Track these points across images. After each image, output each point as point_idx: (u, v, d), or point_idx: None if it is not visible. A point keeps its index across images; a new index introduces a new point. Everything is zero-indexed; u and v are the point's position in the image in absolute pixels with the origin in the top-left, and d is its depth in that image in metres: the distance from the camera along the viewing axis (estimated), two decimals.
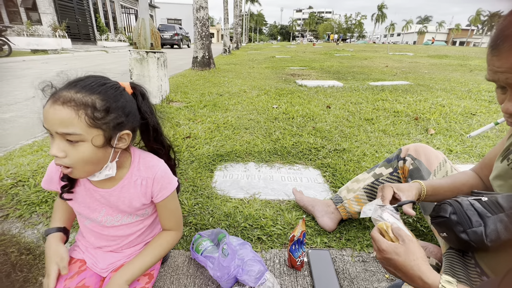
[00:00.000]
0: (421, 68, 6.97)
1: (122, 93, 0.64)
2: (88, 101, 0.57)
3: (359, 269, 0.97)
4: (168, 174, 0.77)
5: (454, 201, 0.64)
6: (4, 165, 1.58)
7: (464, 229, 0.59)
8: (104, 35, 18.28)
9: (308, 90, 3.96)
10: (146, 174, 0.73)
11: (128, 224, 0.78)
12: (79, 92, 0.57)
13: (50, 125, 0.56)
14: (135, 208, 0.75)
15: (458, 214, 0.61)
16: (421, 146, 0.98)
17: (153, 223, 0.85)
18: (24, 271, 0.89)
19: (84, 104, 0.56)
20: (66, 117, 0.55)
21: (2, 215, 1.19)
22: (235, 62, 8.59)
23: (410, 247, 0.54)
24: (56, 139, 0.58)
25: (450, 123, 2.48)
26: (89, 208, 0.73)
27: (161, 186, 0.74)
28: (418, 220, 1.21)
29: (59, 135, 0.57)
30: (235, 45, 17.51)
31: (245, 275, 0.85)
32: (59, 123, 0.56)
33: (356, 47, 19.80)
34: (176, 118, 2.54)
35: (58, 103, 0.55)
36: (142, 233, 0.82)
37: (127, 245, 0.81)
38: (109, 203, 0.73)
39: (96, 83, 0.60)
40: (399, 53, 13.09)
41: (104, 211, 0.74)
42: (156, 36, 3.18)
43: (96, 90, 0.59)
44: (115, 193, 0.72)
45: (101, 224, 0.76)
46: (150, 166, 0.75)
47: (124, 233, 0.79)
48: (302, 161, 1.79)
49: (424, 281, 0.51)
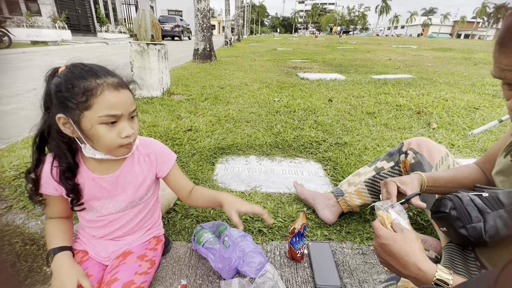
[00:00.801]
0: (424, 61, 6.88)
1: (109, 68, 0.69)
2: (125, 79, 0.66)
3: (358, 261, 0.98)
4: (164, 147, 0.83)
5: (455, 197, 0.64)
6: (6, 157, 1.59)
7: (464, 224, 0.59)
8: (104, 27, 18.11)
9: (310, 83, 3.92)
10: (145, 151, 0.78)
11: (132, 209, 0.79)
12: (115, 77, 0.63)
13: (123, 108, 0.62)
14: (141, 186, 0.76)
15: (458, 210, 0.61)
16: (423, 140, 0.98)
17: (152, 207, 0.87)
18: (29, 261, 0.91)
19: (127, 83, 0.66)
20: (131, 97, 0.65)
21: (6, 206, 1.21)
22: (237, 54, 8.51)
23: (407, 236, 0.54)
24: (124, 121, 0.64)
25: (453, 117, 2.46)
26: (95, 197, 0.74)
27: (164, 158, 0.80)
28: (418, 214, 1.21)
29: (129, 115, 0.64)
30: (237, 37, 17.31)
31: (246, 267, 0.86)
32: (130, 103, 0.64)
33: (359, 40, 19.53)
34: (177, 111, 2.54)
35: (119, 88, 0.62)
36: (142, 219, 0.83)
37: (128, 232, 0.82)
38: (116, 188, 0.74)
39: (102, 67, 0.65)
40: (403, 46, 12.91)
41: (109, 198, 0.75)
42: (157, 28, 3.14)
43: (114, 71, 0.65)
44: (122, 175, 0.73)
45: (106, 213, 0.76)
46: (147, 143, 0.80)
47: (127, 218, 0.80)
48: (303, 155, 1.79)
49: (419, 268, 0.50)
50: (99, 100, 0.59)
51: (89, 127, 0.60)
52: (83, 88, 0.58)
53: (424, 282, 0.49)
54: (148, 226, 0.87)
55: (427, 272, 0.49)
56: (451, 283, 0.47)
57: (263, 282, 0.81)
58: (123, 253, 0.80)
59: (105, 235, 0.81)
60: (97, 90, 0.59)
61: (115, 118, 0.61)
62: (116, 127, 0.62)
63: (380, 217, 0.60)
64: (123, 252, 0.81)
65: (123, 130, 0.63)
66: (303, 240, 0.94)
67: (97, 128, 0.60)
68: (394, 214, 0.60)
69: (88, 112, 0.59)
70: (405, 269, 0.52)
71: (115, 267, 0.76)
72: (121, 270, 0.74)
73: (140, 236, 0.85)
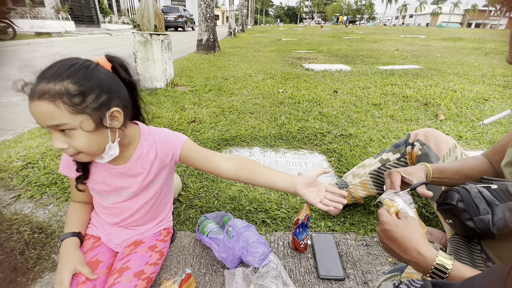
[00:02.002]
0: (433, 52, 6.71)
1: (94, 70, 0.59)
2: (61, 88, 0.54)
3: (362, 252, 0.98)
4: (171, 132, 0.78)
5: (462, 188, 0.63)
6: (14, 148, 1.61)
7: (471, 216, 0.59)
8: (108, 17, 17.96)
9: (315, 74, 3.86)
10: (152, 139, 0.76)
11: (143, 195, 0.80)
12: (50, 82, 0.54)
13: (38, 121, 0.56)
14: (149, 173, 0.76)
15: (465, 202, 0.60)
16: (430, 131, 0.96)
17: (164, 198, 0.87)
18: (37, 249, 0.93)
19: (58, 93, 0.54)
20: (47, 111, 0.54)
21: (14, 195, 1.23)
22: (241, 45, 8.40)
23: (411, 222, 0.54)
24: (53, 132, 0.57)
25: (461, 109, 2.41)
26: (109, 185, 0.75)
27: (169, 142, 0.76)
28: (423, 206, 1.20)
29: (52, 128, 0.57)
30: (241, 28, 17.05)
31: (249, 256, 0.87)
32: (44, 117, 0.55)
33: (366, 30, 19.08)
34: (181, 102, 2.53)
35: (35, 98, 0.54)
36: (153, 207, 0.84)
37: (141, 222, 0.84)
38: (127, 178, 0.75)
39: (63, 68, 0.56)
40: (411, 36, 12.58)
41: (122, 187, 0.76)
42: (160, 18, 3.10)
43: (64, 75, 0.55)
44: (131, 167, 0.74)
45: (121, 200, 0.78)
46: (152, 132, 0.77)
47: (140, 203, 0.80)
48: (308, 146, 1.78)
49: (420, 253, 0.50)
50: None
51: None
52: None
53: (425, 267, 0.49)
54: (160, 218, 0.89)
55: (428, 256, 0.49)
56: (450, 267, 0.47)
57: (267, 271, 0.82)
58: (135, 242, 0.82)
59: (119, 222, 0.82)
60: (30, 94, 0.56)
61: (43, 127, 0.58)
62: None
63: (386, 205, 0.59)
64: (135, 241, 0.82)
65: (52, 142, 0.58)
66: (307, 231, 0.94)
67: None
68: (401, 203, 0.59)
69: None
70: (406, 254, 0.52)
71: (126, 255, 0.77)
72: (132, 259, 0.75)
73: (152, 226, 0.86)
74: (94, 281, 0.70)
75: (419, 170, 0.73)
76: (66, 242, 0.74)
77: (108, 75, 0.61)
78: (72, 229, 0.78)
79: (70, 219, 0.81)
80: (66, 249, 0.73)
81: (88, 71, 0.58)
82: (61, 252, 0.73)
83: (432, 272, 0.48)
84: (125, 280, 0.69)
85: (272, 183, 0.74)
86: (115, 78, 0.63)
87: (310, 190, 0.72)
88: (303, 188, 0.71)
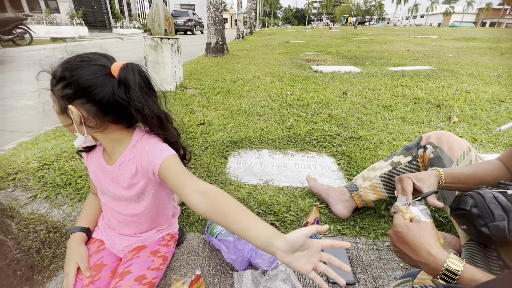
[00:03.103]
0: (445, 52, 6.57)
1: (81, 65, 0.61)
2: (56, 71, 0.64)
3: (373, 257, 0.97)
4: (157, 146, 0.70)
5: (476, 194, 0.61)
6: (30, 149, 1.67)
7: (486, 222, 0.57)
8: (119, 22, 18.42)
9: (324, 76, 3.84)
10: (137, 150, 0.71)
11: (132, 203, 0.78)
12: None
13: None
14: (135, 185, 0.74)
15: (479, 207, 0.59)
16: (443, 133, 0.94)
17: (162, 209, 0.84)
18: (53, 248, 0.95)
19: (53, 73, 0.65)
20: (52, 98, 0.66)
21: (31, 195, 1.27)
22: (249, 47, 8.44)
23: (422, 226, 0.54)
24: None
25: (476, 111, 2.34)
26: (100, 181, 0.77)
27: (149, 158, 0.68)
28: (436, 210, 1.17)
29: None
30: (249, 30, 17.15)
31: (258, 259, 0.87)
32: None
33: (376, 31, 18.85)
34: (190, 105, 2.56)
35: None
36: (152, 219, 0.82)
37: (139, 230, 0.83)
38: (114, 179, 0.76)
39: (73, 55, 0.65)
40: (422, 36, 12.35)
41: (111, 186, 0.77)
42: (170, 22, 3.16)
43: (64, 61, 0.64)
44: (115, 170, 0.74)
45: (112, 199, 0.78)
46: (141, 143, 0.71)
47: (131, 212, 0.78)
48: (316, 149, 1.77)
49: (430, 254, 0.50)
50: None
51: None
52: None
53: (435, 268, 0.49)
54: (162, 226, 0.88)
55: (438, 257, 0.49)
56: (461, 269, 0.46)
57: (276, 274, 0.81)
58: (137, 248, 0.82)
59: (118, 228, 0.83)
60: None
61: None
62: None
63: (401, 212, 0.59)
64: (137, 247, 0.83)
65: None
66: (316, 234, 0.94)
67: None
68: (416, 211, 0.58)
69: None
70: (416, 255, 0.52)
71: (129, 260, 0.78)
72: (134, 264, 0.76)
73: (153, 234, 0.86)
74: (98, 284, 0.72)
75: (431, 177, 0.71)
76: (73, 236, 0.80)
77: (92, 76, 0.61)
78: (82, 223, 0.84)
79: (84, 212, 0.87)
80: (72, 243, 0.79)
81: (75, 63, 0.63)
82: (68, 245, 0.79)
83: (442, 273, 0.48)
84: (126, 284, 0.70)
85: (247, 235, 0.54)
86: (104, 84, 0.62)
87: (297, 257, 0.50)
88: (285, 255, 0.49)
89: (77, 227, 0.82)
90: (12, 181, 1.37)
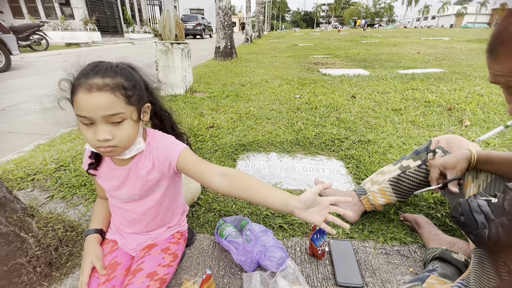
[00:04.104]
0: (457, 54, 6.44)
1: (131, 70, 0.68)
2: (118, 82, 0.62)
3: (381, 261, 0.97)
4: (170, 141, 0.76)
5: (465, 201, 0.64)
6: (47, 151, 1.74)
7: (471, 230, 0.60)
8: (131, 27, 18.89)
9: (332, 79, 3.84)
10: (151, 146, 0.76)
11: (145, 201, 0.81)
12: (105, 77, 0.61)
13: (93, 112, 0.60)
14: (150, 181, 0.77)
15: (465, 216, 0.62)
16: (453, 138, 0.93)
17: (171, 204, 0.87)
18: (69, 246, 1.00)
19: (117, 86, 0.62)
20: (108, 100, 0.60)
21: (48, 196, 1.33)
22: (257, 51, 8.51)
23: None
24: (100, 124, 0.62)
25: (489, 114, 2.30)
26: (113, 185, 0.79)
27: (166, 151, 0.74)
28: (447, 216, 1.16)
29: (104, 120, 0.61)
30: (257, 34, 17.27)
31: (267, 261, 0.89)
32: (104, 107, 0.60)
33: (385, 33, 18.66)
34: (200, 108, 2.61)
35: (95, 90, 0.59)
36: (160, 215, 0.85)
37: (150, 227, 0.86)
38: (128, 180, 0.78)
39: (110, 66, 0.64)
40: (433, 38, 12.14)
41: (125, 188, 0.79)
42: (180, 27, 3.23)
43: (117, 72, 0.63)
44: (133, 168, 0.76)
45: (124, 201, 0.81)
46: (155, 138, 0.78)
47: (142, 209, 0.82)
48: (325, 152, 1.77)
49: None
50: (75, 99, 0.61)
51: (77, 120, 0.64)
52: (70, 85, 0.63)
53: None
54: (171, 223, 0.90)
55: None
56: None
57: (284, 276, 0.83)
58: (148, 246, 0.85)
59: (128, 226, 0.86)
60: (77, 89, 0.60)
61: (88, 120, 0.61)
62: (92, 128, 0.63)
63: None
64: (148, 245, 0.86)
65: (96, 133, 0.62)
66: (324, 237, 0.94)
67: (80, 125, 0.64)
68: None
69: (74, 108, 0.63)
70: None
71: (140, 258, 0.81)
72: (146, 261, 0.79)
73: (163, 231, 0.89)
74: (113, 282, 0.76)
75: (459, 162, 0.76)
76: (88, 238, 0.84)
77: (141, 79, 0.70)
78: (95, 225, 0.87)
79: (95, 215, 0.90)
80: (87, 244, 0.82)
81: (130, 70, 0.67)
82: (84, 246, 0.82)
83: None
84: (138, 280, 0.72)
85: (267, 203, 0.66)
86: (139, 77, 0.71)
87: (310, 212, 0.63)
88: (301, 212, 0.63)
89: (91, 230, 0.86)
90: (31, 181, 1.43)
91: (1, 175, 1.46)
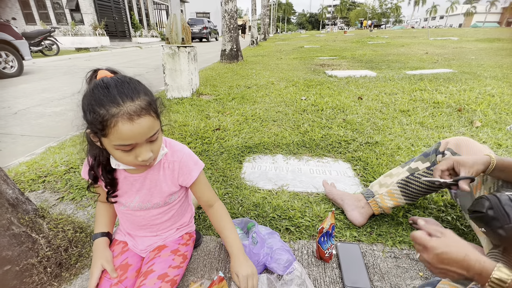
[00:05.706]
0: (467, 54, 6.32)
1: (136, 80, 0.65)
2: (145, 102, 0.60)
3: (390, 265, 0.95)
4: (192, 156, 0.82)
5: (492, 196, 0.62)
6: (58, 154, 1.77)
7: (502, 224, 0.57)
8: (138, 32, 19.19)
9: (339, 80, 3.82)
10: (172, 158, 0.79)
11: (157, 209, 0.83)
12: (134, 100, 0.59)
13: (139, 138, 0.60)
14: (164, 192, 0.80)
15: (495, 209, 0.59)
16: (463, 139, 0.92)
17: (180, 208, 0.89)
18: (79, 247, 1.01)
19: (147, 104, 0.61)
20: (149, 122, 0.61)
21: (59, 197, 1.35)
22: (263, 53, 8.53)
23: (452, 235, 0.53)
24: (142, 145, 0.63)
25: (500, 115, 2.24)
26: (126, 193, 0.79)
27: (187, 169, 0.79)
28: (457, 219, 1.13)
29: (147, 141, 0.63)
30: (263, 36, 17.33)
31: (273, 263, 0.88)
32: (148, 130, 0.61)
33: (392, 33, 18.47)
34: (206, 110, 2.62)
35: (136, 117, 0.58)
36: (169, 219, 0.87)
37: (159, 229, 0.87)
38: (143, 188, 0.78)
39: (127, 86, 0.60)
40: (442, 38, 11.96)
41: (138, 197, 0.79)
42: (187, 31, 3.27)
43: (138, 90, 0.61)
44: (148, 176, 0.77)
45: (134, 209, 0.82)
46: (175, 150, 0.79)
47: (153, 217, 0.84)
48: (332, 154, 1.76)
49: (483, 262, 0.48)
50: (113, 131, 0.57)
51: (109, 148, 0.63)
52: (100, 117, 0.57)
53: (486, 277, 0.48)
54: (180, 223, 0.92)
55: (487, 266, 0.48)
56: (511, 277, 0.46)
57: (291, 279, 0.82)
58: (158, 247, 0.86)
59: (137, 230, 0.87)
60: (111, 121, 0.56)
61: (130, 147, 0.61)
62: (133, 151, 0.63)
63: None
64: (158, 246, 0.87)
65: (140, 155, 0.63)
66: (332, 240, 0.93)
67: (114, 151, 0.63)
68: None
69: (105, 139, 0.60)
70: (469, 270, 0.49)
71: (151, 259, 0.82)
72: (156, 263, 0.80)
73: (173, 232, 0.90)
74: (125, 283, 0.76)
75: (476, 164, 0.72)
76: (97, 241, 0.84)
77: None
78: (101, 229, 0.87)
79: (99, 219, 0.89)
80: (96, 248, 0.82)
81: (141, 83, 0.65)
82: (93, 250, 0.82)
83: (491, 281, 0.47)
84: (150, 282, 0.73)
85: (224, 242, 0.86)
86: None
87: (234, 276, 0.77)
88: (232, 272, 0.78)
89: (98, 233, 0.85)
90: (42, 183, 1.46)
91: (14, 177, 1.50)
